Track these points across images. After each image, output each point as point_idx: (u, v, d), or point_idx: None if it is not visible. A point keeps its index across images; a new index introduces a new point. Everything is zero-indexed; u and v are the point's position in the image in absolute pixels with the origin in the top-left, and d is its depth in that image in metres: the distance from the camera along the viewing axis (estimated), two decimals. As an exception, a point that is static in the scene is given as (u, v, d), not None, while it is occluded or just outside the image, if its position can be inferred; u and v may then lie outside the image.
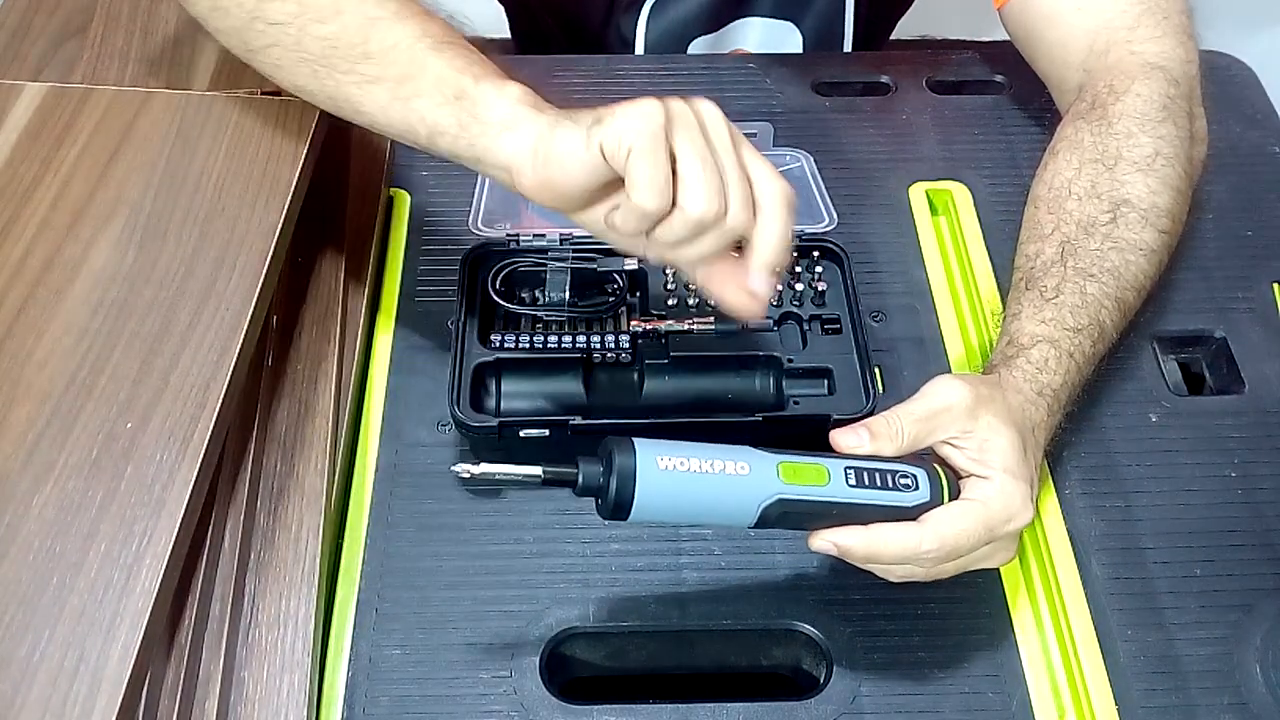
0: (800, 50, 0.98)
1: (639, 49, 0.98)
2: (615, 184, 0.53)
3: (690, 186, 0.51)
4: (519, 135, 0.55)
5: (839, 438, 0.56)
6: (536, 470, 0.53)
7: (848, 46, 0.99)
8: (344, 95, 0.60)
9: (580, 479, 0.53)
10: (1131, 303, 0.67)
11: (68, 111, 0.69)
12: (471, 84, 0.56)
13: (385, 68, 0.58)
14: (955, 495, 0.56)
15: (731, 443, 0.64)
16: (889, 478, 0.55)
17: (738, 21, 0.97)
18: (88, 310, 0.59)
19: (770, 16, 0.97)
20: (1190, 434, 0.68)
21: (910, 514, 0.55)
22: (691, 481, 0.52)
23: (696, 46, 0.98)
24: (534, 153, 0.54)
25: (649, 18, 0.97)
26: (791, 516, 0.55)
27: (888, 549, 0.55)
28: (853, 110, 0.87)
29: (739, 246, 0.55)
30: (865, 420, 0.57)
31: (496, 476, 0.53)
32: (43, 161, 0.66)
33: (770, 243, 0.53)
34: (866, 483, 0.55)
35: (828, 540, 0.55)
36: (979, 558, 0.57)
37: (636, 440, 0.53)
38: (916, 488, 0.55)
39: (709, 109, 0.54)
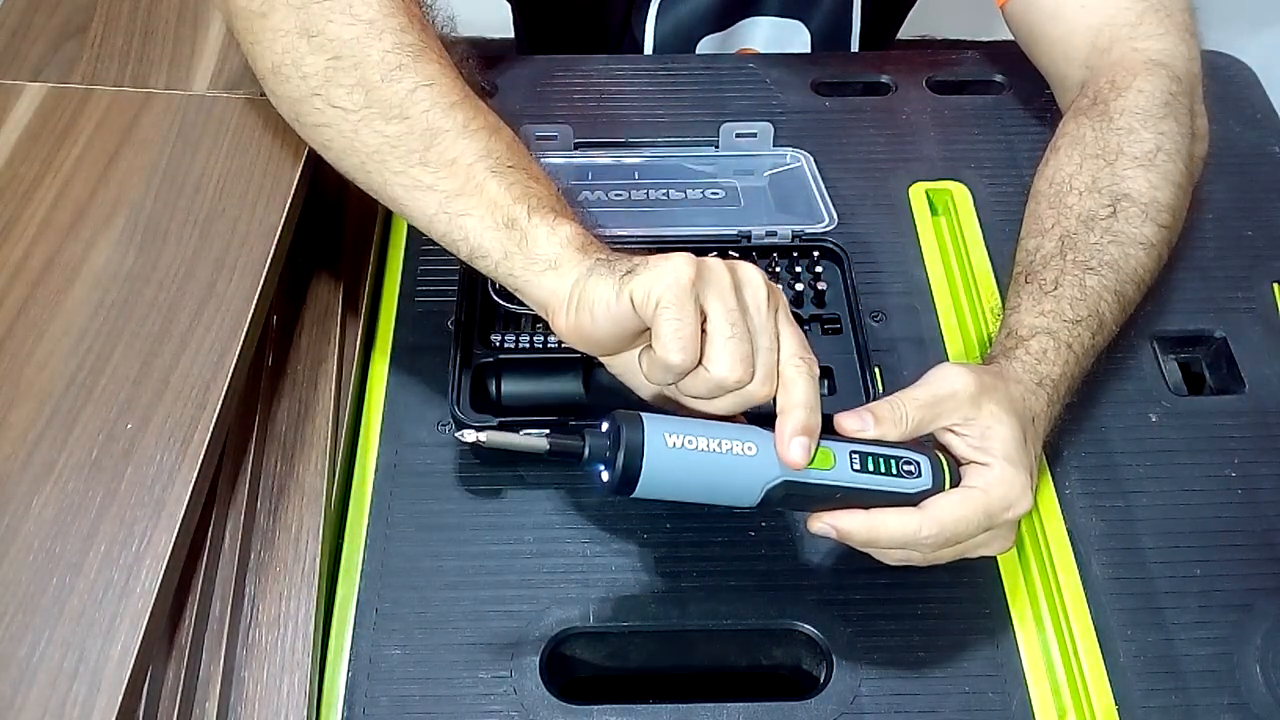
0: (809, 49, 0.98)
1: (648, 48, 0.98)
2: (647, 332, 0.53)
3: (715, 349, 0.52)
4: (560, 276, 0.54)
5: (844, 421, 0.57)
6: (542, 441, 0.53)
7: (855, 46, 0.99)
8: (389, 193, 0.59)
9: (586, 452, 0.53)
10: (1131, 296, 0.67)
11: (68, 112, 0.69)
12: (524, 216, 0.56)
13: (440, 179, 0.57)
14: (957, 483, 0.56)
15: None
16: (893, 464, 0.55)
17: (746, 20, 0.98)
18: (88, 311, 0.59)
19: (778, 15, 0.97)
20: (1190, 434, 0.68)
21: (912, 500, 0.55)
22: (698, 460, 0.52)
23: (705, 45, 0.98)
24: (569, 297, 0.54)
25: (657, 16, 0.97)
26: (795, 499, 0.55)
27: (887, 533, 0.55)
28: (853, 110, 0.87)
29: None
30: (869, 404, 0.57)
31: (501, 445, 0.53)
32: (43, 162, 0.66)
33: (795, 416, 0.53)
34: (871, 468, 0.55)
35: (827, 523, 0.55)
36: (977, 544, 0.57)
37: (645, 415, 0.53)
38: (919, 474, 0.55)
39: (748, 271, 0.54)
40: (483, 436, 0.52)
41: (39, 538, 0.51)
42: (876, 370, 0.68)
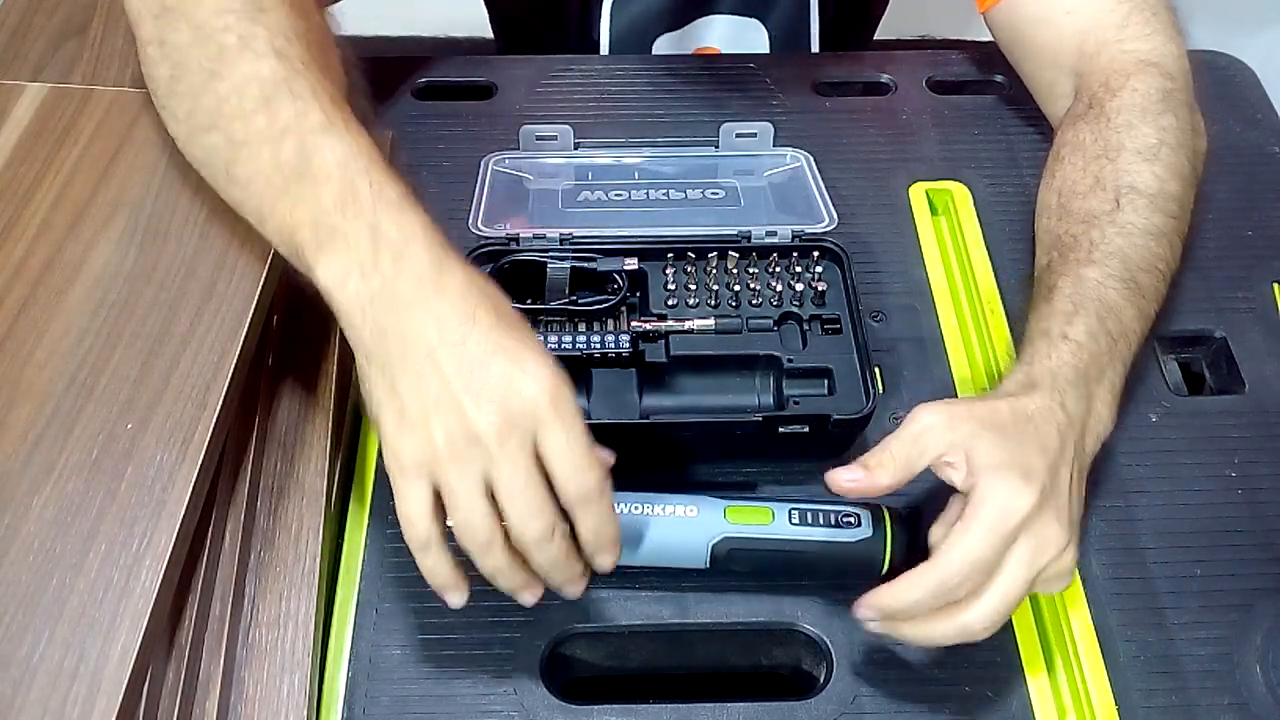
0: (766, 49, 0.97)
1: (604, 46, 0.97)
2: None
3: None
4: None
5: (837, 477, 0.56)
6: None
7: (815, 45, 0.99)
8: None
9: None
10: (1147, 284, 0.65)
11: (68, 112, 0.69)
12: (299, 251, 0.55)
13: (246, 197, 0.58)
14: (899, 532, 0.59)
15: (728, 444, 0.64)
16: (831, 516, 0.59)
17: (702, 19, 0.97)
18: (88, 311, 0.59)
19: (734, 13, 0.96)
20: (1190, 434, 0.68)
21: (853, 550, 0.58)
22: (643, 523, 0.58)
23: (661, 44, 0.97)
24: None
25: (612, 14, 0.96)
26: (740, 555, 0.59)
27: (914, 591, 0.54)
28: (853, 110, 0.87)
29: None
30: (858, 458, 0.57)
31: None
32: (43, 162, 0.66)
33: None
34: (810, 521, 0.59)
35: (869, 608, 0.55)
36: (1043, 580, 0.55)
37: None
38: (859, 525, 0.59)
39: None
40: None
41: (39, 538, 0.51)
42: (876, 370, 0.68)
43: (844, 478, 0.56)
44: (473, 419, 0.50)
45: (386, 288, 0.52)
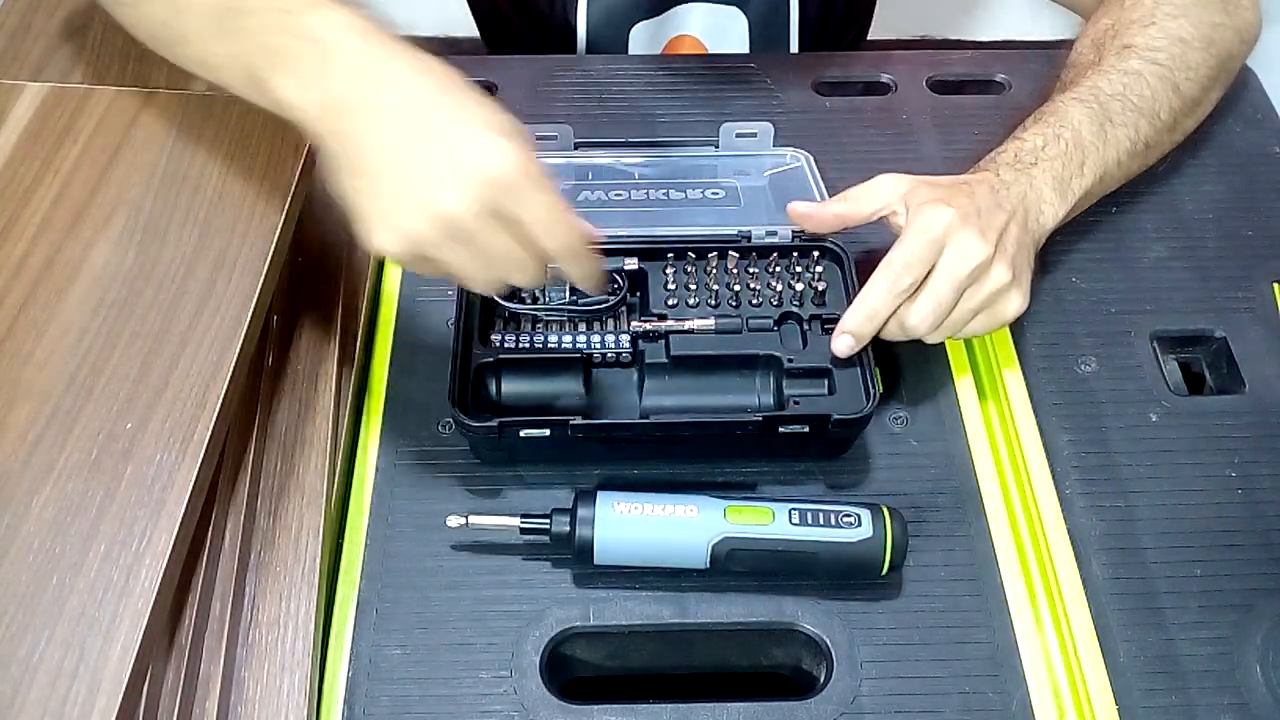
0: (746, 37, 0.97)
1: (580, 36, 0.97)
2: None
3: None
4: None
5: (793, 206, 0.68)
6: (515, 521, 0.60)
7: (794, 34, 0.98)
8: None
9: (552, 526, 0.60)
10: (1116, 110, 0.72)
11: (68, 111, 0.69)
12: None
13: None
14: (900, 533, 0.59)
15: (728, 444, 0.64)
16: (832, 516, 0.60)
17: (680, 7, 0.96)
18: (88, 310, 0.59)
19: (713, 2, 0.96)
20: (1190, 434, 0.68)
21: (855, 549, 0.59)
22: (645, 523, 0.59)
23: (638, 32, 0.96)
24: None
25: (589, 3, 0.96)
26: (740, 555, 0.60)
27: (872, 296, 0.63)
28: (853, 110, 0.87)
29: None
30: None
31: (482, 526, 0.61)
32: (43, 161, 0.66)
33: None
34: (810, 521, 0.59)
35: (845, 336, 0.64)
36: (984, 303, 0.64)
37: (601, 491, 0.60)
38: (859, 525, 0.59)
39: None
40: (464, 521, 0.60)
41: (39, 538, 0.51)
42: (876, 371, 0.68)
43: (800, 207, 0.68)
44: (446, 207, 0.51)
45: (329, 94, 0.54)
